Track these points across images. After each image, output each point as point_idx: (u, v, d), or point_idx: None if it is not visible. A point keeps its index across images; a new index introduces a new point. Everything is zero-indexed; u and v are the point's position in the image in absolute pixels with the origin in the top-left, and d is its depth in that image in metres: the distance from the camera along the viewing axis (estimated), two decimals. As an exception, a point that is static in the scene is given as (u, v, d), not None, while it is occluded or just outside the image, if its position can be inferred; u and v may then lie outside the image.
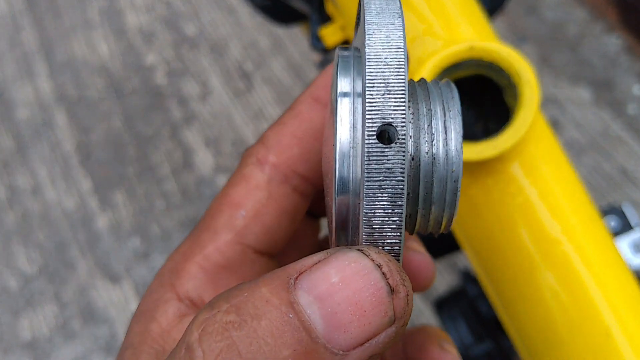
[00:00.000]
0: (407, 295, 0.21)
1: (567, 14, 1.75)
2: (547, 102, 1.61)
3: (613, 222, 0.68)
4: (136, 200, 1.51)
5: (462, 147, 0.23)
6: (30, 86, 1.70)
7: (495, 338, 0.81)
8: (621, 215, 0.68)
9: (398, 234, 0.22)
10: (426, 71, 0.35)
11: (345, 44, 0.57)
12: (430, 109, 0.24)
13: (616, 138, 1.54)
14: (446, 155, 0.23)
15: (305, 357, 0.20)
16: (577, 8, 1.76)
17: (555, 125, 1.55)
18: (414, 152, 0.24)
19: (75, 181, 1.55)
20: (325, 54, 0.66)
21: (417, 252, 0.33)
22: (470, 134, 0.41)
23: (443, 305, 0.95)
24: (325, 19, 0.57)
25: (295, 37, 1.68)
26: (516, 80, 0.34)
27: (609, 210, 0.68)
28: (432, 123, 0.24)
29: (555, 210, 0.35)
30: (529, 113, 0.33)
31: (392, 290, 0.21)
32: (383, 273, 0.21)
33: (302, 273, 0.21)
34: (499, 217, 0.35)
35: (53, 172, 1.57)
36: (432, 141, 0.24)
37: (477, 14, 0.38)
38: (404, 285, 0.21)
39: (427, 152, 0.24)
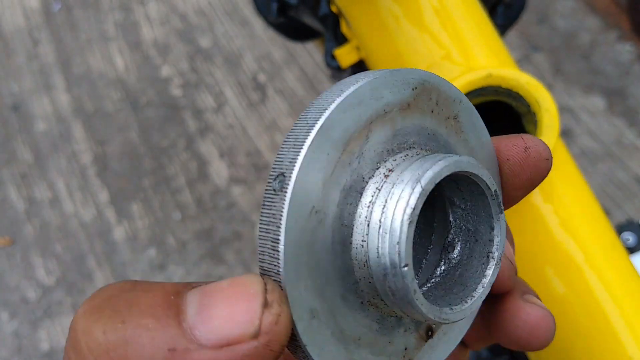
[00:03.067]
0: (280, 315, 0.21)
1: (580, 22, 1.74)
2: (561, 111, 1.59)
3: (631, 237, 0.67)
4: (152, 211, 1.51)
5: (408, 222, 0.23)
6: (48, 99, 1.72)
7: (512, 352, 0.80)
8: (639, 231, 0.67)
9: (279, 279, 0.22)
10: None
11: (360, 64, 0.57)
12: (399, 177, 0.24)
13: (630, 146, 1.52)
14: (391, 225, 0.23)
15: (166, 340, 0.21)
16: (589, 16, 1.75)
17: (569, 134, 1.53)
18: (367, 216, 0.24)
19: (92, 193, 1.55)
20: (340, 72, 0.66)
21: (537, 306, 0.31)
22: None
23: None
24: (340, 38, 0.57)
25: (308, 48, 1.69)
26: (535, 108, 0.33)
27: (627, 226, 0.67)
28: (394, 190, 0.24)
29: (577, 238, 0.34)
30: (549, 141, 0.32)
31: (266, 304, 0.21)
32: (266, 289, 0.22)
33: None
34: (519, 244, 0.35)
35: (70, 184, 1.57)
36: (383, 208, 0.24)
37: (495, 39, 0.37)
38: (281, 306, 0.22)
39: (378, 220, 0.24)
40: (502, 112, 0.38)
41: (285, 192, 0.22)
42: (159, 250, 1.46)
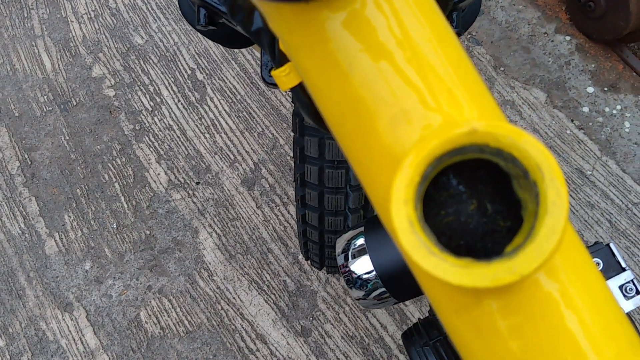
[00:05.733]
0: None
1: (519, 14, 1.68)
2: (503, 105, 1.54)
3: (602, 263, 0.60)
4: (85, 221, 1.38)
5: None
6: (-32, 102, 1.55)
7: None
8: (610, 255, 0.60)
9: None
10: (411, 166, 0.25)
11: (302, 85, 0.47)
12: None
13: (572, 139, 1.48)
14: None
15: None
16: (528, 8, 1.69)
17: (513, 129, 1.48)
18: None
19: (20, 204, 1.40)
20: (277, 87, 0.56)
21: None
22: (464, 216, 0.31)
23: (411, 337, 0.86)
24: (279, 58, 0.47)
25: (247, 44, 1.57)
26: (536, 176, 0.24)
27: (595, 252, 0.60)
28: None
29: (591, 339, 0.25)
30: (557, 224, 0.23)
31: None
32: None
33: None
34: (521, 346, 0.26)
35: (-5, 195, 1.42)
36: None
37: (474, 79, 0.28)
38: None
39: None
40: (484, 164, 0.29)
41: None
42: (95, 263, 1.33)
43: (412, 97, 0.26)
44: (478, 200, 0.31)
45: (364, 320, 1.26)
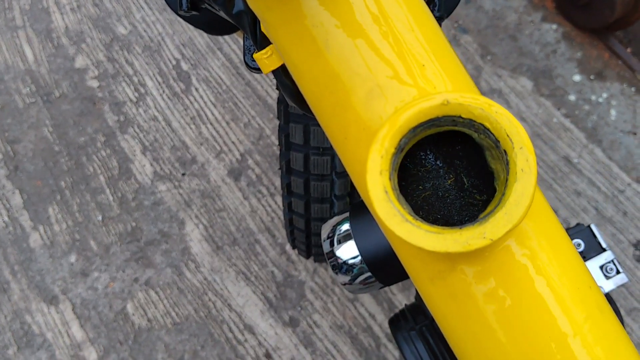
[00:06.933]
0: None
1: (506, 2, 1.70)
2: (491, 93, 1.55)
3: (582, 243, 0.62)
4: (70, 214, 1.38)
5: None
6: (-51, 95, 1.54)
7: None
8: (591, 236, 0.61)
9: None
10: (386, 138, 0.26)
11: (285, 67, 0.48)
12: None
13: (559, 127, 1.50)
14: None
15: None
16: (515, -4, 1.70)
17: (500, 117, 1.49)
18: None
19: (3, 197, 1.40)
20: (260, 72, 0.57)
21: None
22: (442, 191, 0.32)
23: (397, 322, 0.88)
24: (261, 40, 0.47)
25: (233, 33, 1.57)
26: (506, 145, 0.26)
27: (577, 233, 0.62)
28: None
29: (553, 288, 0.27)
30: (526, 190, 0.24)
31: None
32: None
33: None
34: (494, 310, 0.27)
35: (-22, 188, 1.42)
36: None
37: (449, 55, 0.29)
38: None
39: None
40: (460, 139, 0.30)
41: None
42: (80, 255, 1.34)
43: (388, 72, 0.28)
44: (455, 175, 0.33)
45: (352, 309, 1.28)
